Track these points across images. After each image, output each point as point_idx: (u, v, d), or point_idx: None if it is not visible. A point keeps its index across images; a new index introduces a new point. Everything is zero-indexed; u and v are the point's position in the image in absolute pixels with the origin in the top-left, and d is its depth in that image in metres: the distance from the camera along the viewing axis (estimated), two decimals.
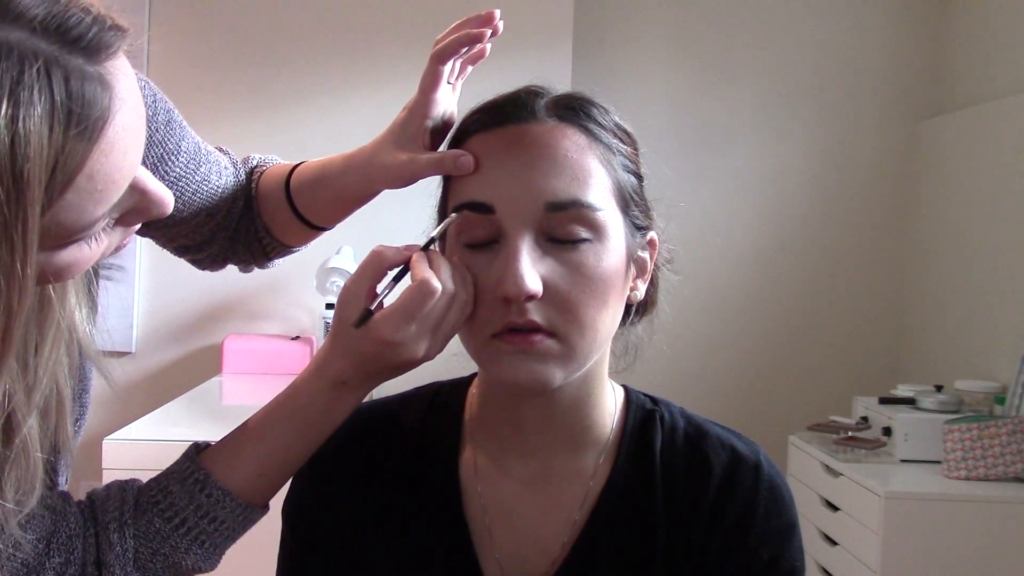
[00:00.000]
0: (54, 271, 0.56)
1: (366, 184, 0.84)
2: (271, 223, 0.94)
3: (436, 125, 0.79)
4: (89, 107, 0.50)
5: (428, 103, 0.78)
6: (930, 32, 3.06)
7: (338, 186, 0.87)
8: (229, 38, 2.80)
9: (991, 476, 2.15)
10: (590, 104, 0.73)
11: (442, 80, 0.78)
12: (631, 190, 0.73)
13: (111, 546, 0.67)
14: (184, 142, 0.85)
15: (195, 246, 0.94)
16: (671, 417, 0.79)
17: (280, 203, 0.91)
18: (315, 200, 0.90)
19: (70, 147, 0.49)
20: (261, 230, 0.94)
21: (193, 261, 0.97)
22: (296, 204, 0.91)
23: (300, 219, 0.91)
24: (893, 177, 3.08)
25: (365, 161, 0.83)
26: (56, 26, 0.49)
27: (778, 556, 0.73)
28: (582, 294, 0.67)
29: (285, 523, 0.81)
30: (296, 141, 2.78)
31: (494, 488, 0.76)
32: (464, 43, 0.76)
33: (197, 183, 0.87)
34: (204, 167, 0.88)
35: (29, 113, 0.47)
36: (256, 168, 0.96)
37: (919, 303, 3.00)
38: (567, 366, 0.68)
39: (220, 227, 0.92)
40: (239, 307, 2.82)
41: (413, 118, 0.79)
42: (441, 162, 0.73)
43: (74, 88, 0.49)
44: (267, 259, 0.98)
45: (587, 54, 2.92)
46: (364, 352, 0.68)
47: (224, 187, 0.90)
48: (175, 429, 1.95)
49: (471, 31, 0.75)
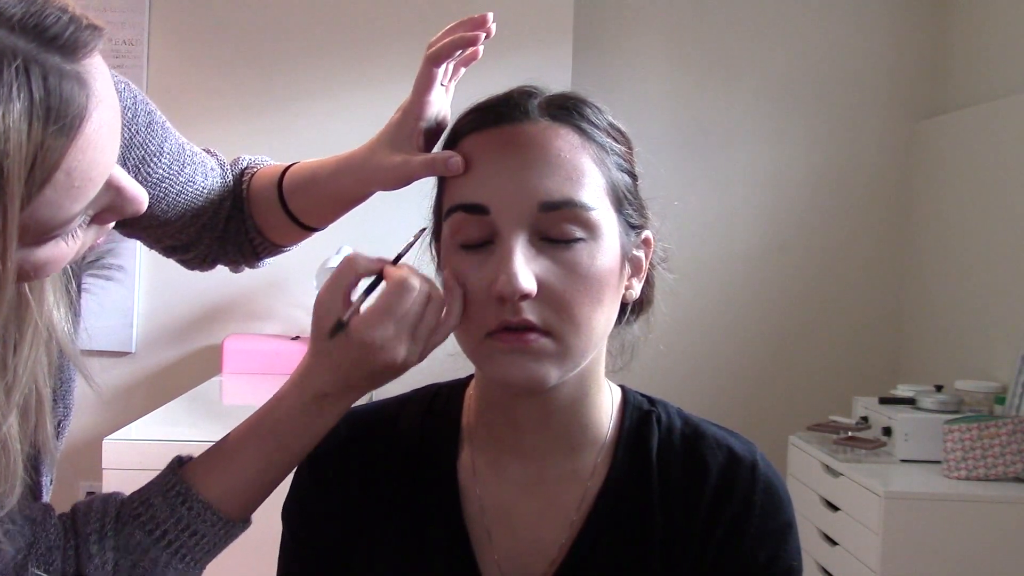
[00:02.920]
0: (32, 268, 0.56)
1: (360, 186, 0.85)
2: (263, 224, 0.94)
3: (430, 127, 0.80)
4: (67, 104, 0.51)
5: (422, 105, 0.79)
6: (930, 32, 3.06)
7: (332, 187, 0.87)
8: (229, 38, 2.80)
9: (991, 476, 2.15)
10: (583, 103, 0.73)
11: (436, 82, 0.78)
12: (625, 189, 0.73)
13: (90, 558, 0.66)
14: (167, 143, 0.86)
15: (182, 246, 0.94)
16: (668, 417, 0.79)
17: (273, 204, 0.92)
18: (309, 201, 0.90)
19: (48, 144, 0.50)
20: (252, 231, 0.95)
21: (181, 261, 0.97)
22: (289, 205, 0.91)
23: (293, 220, 0.92)
24: (893, 177, 3.08)
25: (360, 163, 0.83)
26: (33, 25, 0.50)
27: (775, 556, 0.73)
28: (577, 293, 0.67)
29: (285, 524, 0.81)
30: (296, 141, 2.78)
31: (492, 489, 0.77)
32: (458, 46, 0.77)
33: (181, 184, 0.87)
34: (189, 168, 0.88)
35: (8, 109, 0.48)
36: (246, 169, 0.96)
37: (919, 303, 3.00)
38: (562, 365, 0.69)
39: (207, 228, 0.93)
40: (239, 307, 2.82)
41: (407, 120, 0.79)
42: (433, 163, 0.74)
43: (52, 85, 0.50)
44: (257, 259, 0.98)
45: (587, 54, 2.92)
46: (343, 360, 0.68)
47: (210, 188, 0.91)
48: (175, 429, 1.95)
49: (465, 34, 0.76)
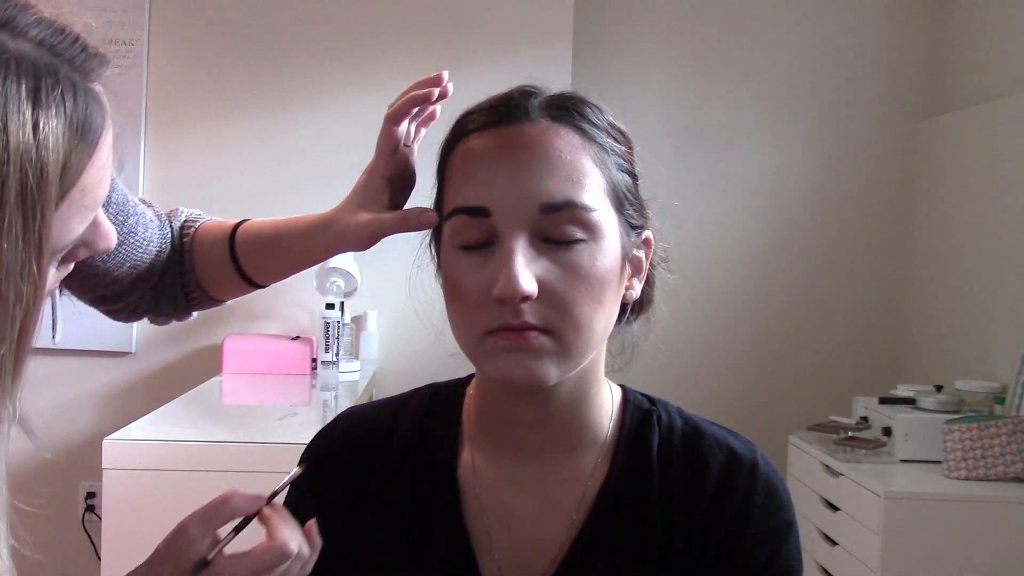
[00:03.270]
0: None
1: (330, 247, 0.86)
2: (205, 279, 0.94)
3: (396, 184, 0.82)
4: (91, 121, 0.52)
5: (385, 164, 0.81)
6: (930, 32, 3.06)
7: (297, 248, 0.88)
8: (229, 38, 2.80)
9: (991, 476, 2.15)
10: (584, 104, 0.73)
11: (397, 141, 0.80)
12: (626, 189, 0.73)
13: None
14: (114, 193, 0.86)
15: (112, 296, 0.93)
16: (668, 417, 0.79)
17: (221, 261, 0.92)
18: (268, 260, 0.91)
19: (75, 157, 0.51)
20: (191, 285, 0.94)
21: (109, 312, 0.96)
22: (241, 263, 0.91)
23: (243, 277, 0.92)
24: (893, 177, 3.08)
25: (328, 223, 0.84)
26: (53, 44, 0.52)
27: (775, 556, 0.73)
28: (577, 294, 0.67)
29: None
30: (296, 141, 2.78)
31: (492, 489, 0.77)
32: (415, 103, 0.79)
33: (124, 235, 0.87)
34: (132, 219, 0.88)
35: (49, 116, 0.49)
36: (187, 223, 0.95)
37: (919, 303, 3.00)
38: (562, 364, 0.69)
39: (142, 279, 0.92)
40: (239, 307, 2.82)
41: (372, 179, 0.81)
42: (405, 219, 0.77)
43: (80, 101, 0.51)
44: (188, 312, 0.98)
45: (587, 55, 2.92)
46: None
47: (149, 240, 0.91)
48: (175, 429, 1.95)
49: (419, 92, 0.78)
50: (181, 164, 2.78)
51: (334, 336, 2.56)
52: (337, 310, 2.57)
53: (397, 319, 2.80)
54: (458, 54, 2.74)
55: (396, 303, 2.77)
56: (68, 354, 2.72)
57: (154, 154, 2.77)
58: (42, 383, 2.72)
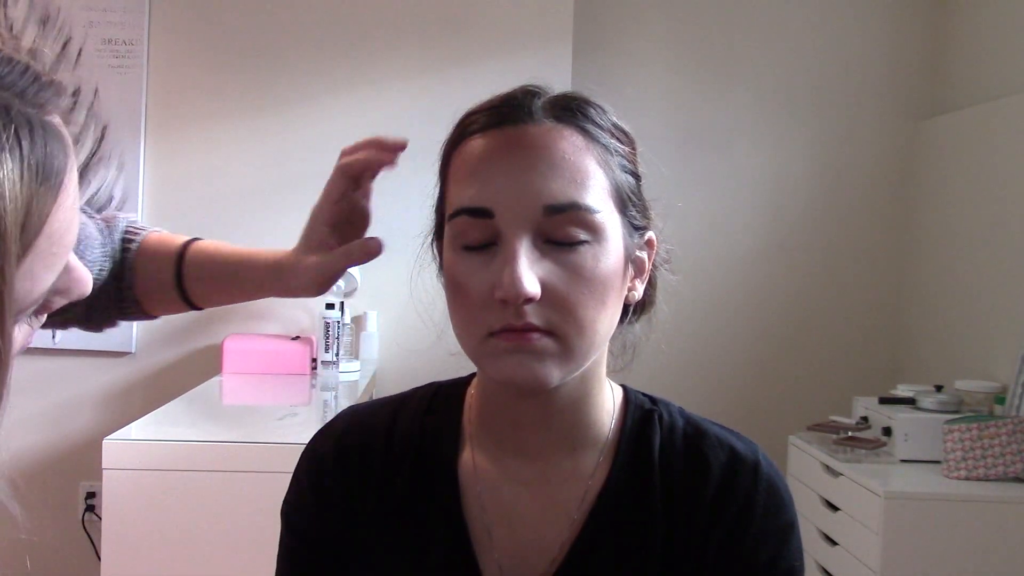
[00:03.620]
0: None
1: (285, 291, 0.85)
2: (143, 296, 0.92)
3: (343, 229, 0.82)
4: (51, 160, 0.45)
5: (329, 211, 0.81)
6: (930, 32, 3.06)
7: (251, 288, 0.88)
8: (229, 38, 2.80)
9: (991, 476, 2.15)
10: (587, 104, 0.72)
11: (344, 190, 0.80)
12: (629, 190, 0.72)
13: None
14: None
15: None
16: (670, 417, 0.79)
17: (164, 282, 0.90)
18: (217, 293, 0.90)
19: (38, 202, 0.44)
20: (128, 300, 0.92)
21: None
22: (187, 287, 0.90)
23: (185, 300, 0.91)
24: (893, 177, 3.08)
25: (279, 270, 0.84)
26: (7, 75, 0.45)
27: (777, 556, 0.73)
28: (580, 295, 0.67)
29: (284, 523, 0.81)
30: (296, 141, 2.78)
31: (493, 488, 0.76)
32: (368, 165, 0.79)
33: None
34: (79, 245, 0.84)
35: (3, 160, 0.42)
36: (128, 235, 0.92)
37: (919, 303, 3.00)
38: (565, 365, 0.68)
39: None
40: (239, 307, 2.82)
41: (316, 225, 0.81)
42: (349, 253, 0.77)
43: (37, 139, 0.44)
44: (115, 325, 0.96)
45: (587, 55, 2.92)
46: None
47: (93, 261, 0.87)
48: (175, 429, 1.95)
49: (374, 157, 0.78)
50: (181, 164, 2.78)
51: (334, 336, 2.56)
52: (337, 310, 2.57)
53: (397, 319, 2.80)
54: (458, 54, 2.74)
55: (396, 303, 2.77)
56: (68, 354, 2.72)
57: (154, 154, 2.77)
58: (42, 383, 2.72)
